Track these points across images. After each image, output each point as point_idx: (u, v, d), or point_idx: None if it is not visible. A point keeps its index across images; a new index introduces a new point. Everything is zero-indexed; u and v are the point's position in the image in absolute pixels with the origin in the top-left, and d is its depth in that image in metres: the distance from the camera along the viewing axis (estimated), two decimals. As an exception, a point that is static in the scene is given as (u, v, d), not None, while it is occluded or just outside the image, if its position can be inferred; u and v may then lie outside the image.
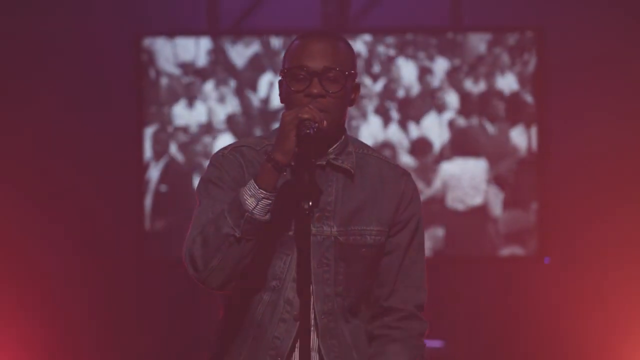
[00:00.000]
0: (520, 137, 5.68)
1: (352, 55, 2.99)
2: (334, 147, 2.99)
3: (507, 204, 5.67)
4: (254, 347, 2.97)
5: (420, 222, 3.09)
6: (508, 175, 5.68)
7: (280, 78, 2.97)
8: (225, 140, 5.77)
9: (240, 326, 3.00)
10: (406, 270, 3.07)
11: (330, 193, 2.97)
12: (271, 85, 5.81)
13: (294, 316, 2.93)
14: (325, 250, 2.95)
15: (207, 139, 5.78)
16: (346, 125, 3.12)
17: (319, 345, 2.97)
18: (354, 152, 3.03)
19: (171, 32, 5.74)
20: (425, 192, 5.61)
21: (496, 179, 5.69)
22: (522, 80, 5.64)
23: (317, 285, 2.95)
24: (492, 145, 5.65)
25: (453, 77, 5.67)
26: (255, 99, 5.76)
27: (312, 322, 2.95)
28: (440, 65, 5.68)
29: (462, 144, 5.68)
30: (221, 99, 5.80)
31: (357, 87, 2.98)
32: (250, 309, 2.98)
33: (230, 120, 5.81)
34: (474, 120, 5.69)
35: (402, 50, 5.68)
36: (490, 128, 5.70)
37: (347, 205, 2.97)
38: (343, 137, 3.02)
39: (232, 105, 5.78)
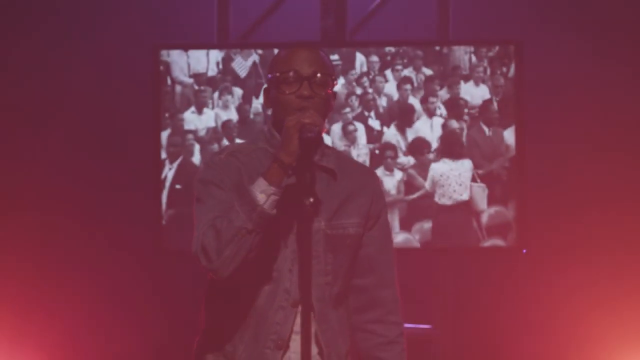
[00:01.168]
0: (501, 140, 5.67)
1: (332, 64, 3.14)
2: (318, 149, 3.10)
3: (489, 201, 5.66)
4: (256, 332, 3.06)
5: (387, 216, 3.24)
6: (491, 174, 5.68)
7: (265, 85, 3.11)
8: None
9: (243, 314, 3.08)
10: (386, 260, 3.20)
11: (318, 190, 3.07)
12: None
13: (291, 303, 3.02)
14: (315, 243, 3.04)
15: (216, 142, 5.77)
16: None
17: (315, 330, 3.06)
18: (332, 154, 3.16)
19: (185, 46, 5.75)
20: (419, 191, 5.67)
21: (480, 178, 5.65)
22: (501, 88, 5.63)
23: (312, 276, 3.00)
24: (476, 147, 5.66)
25: (440, 85, 5.68)
26: (258, 106, 5.75)
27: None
28: (428, 74, 5.69)
29: (449, 146, 5.66)
30: (225, 106, 5.78)
31: (335, 94, 3.12)
32: (252, 298, 3.06)
33: (225, 126, 5.74)
34: (461, 125, 5.68)
35: (393, 61, 5.68)
36: (474, 132, 5.67)
37: (332, 202, 3.09)
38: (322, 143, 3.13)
39: (235, 112, 5.77)
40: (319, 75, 3.02)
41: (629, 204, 5.75)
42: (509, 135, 5.65)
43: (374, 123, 5.71)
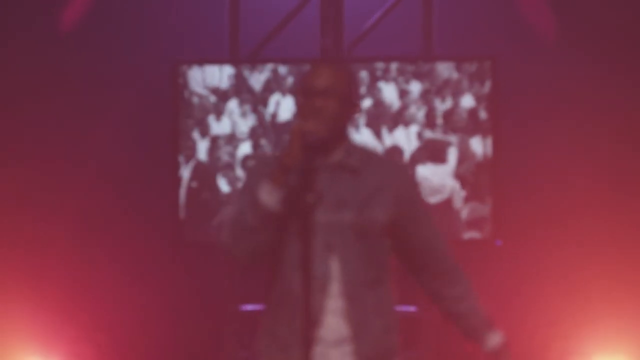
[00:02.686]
0: (478, 145, 5.76)
1: (348, 81, 3.22)
2: (339, 150, 3.21)
3: (467, 198, 5.76)
4: (292, 313, 3.17)
5: (421, 200, 3.33)
6: (469, 175, 5.77)
7: (296, 93, 3.22)
8: (242, 148, 5.83)
9: (280, 298, 3.23)
10: (435, 236, 3.32)
11: (343, 187, 3.18)
12: (277, 103, 5.79)
13: (319, 287, 3.13)
14: (344, 233, 3.16)
15: (227, 147, 5.79)
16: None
17: (347, 310, 3.18)
18: (358, 152, 3.25)
19: (201, 61, 5.83)
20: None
21: (460, 178, 5.74)
22: (478, 99, 5.72)
23: (343, 262, 3.16)
24: (456, 151, 5.73)
25: (424, 97, 5.76)
26: (267, 115, 5.83)
27: (339, 290, 3.17)
28: (415, 87, 5.77)
29: (432, 151, 5.74)
30: (237, 115, 5.81)
31: (354, 106, 3.24)
32: (287, 284, 3.19)
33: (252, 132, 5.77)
34: (441, 132, 5.75)
35: (384, 74, 5.78)
36: (454, 138, 5.77)
37: (358, 196, 3.18)
38: (346, 142, 3.23)
39: (250, 120, 5.81)
40: (329, 90, 3.14)
41: (600, 200, 5.80)
42: (482, 142, 5.69)
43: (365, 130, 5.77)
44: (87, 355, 5.96)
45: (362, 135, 5.75)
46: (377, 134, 5.81)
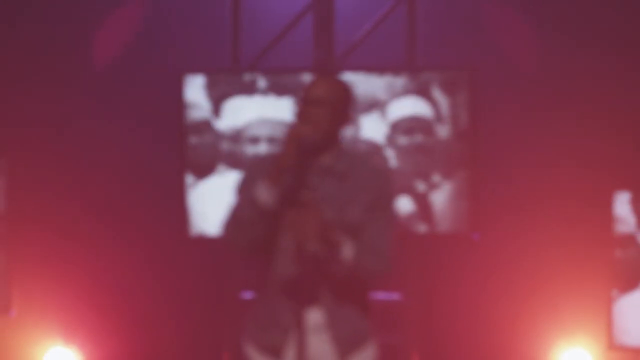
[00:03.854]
0: (457, 149, 5.81)
1: (344, 94, 3.37)
2: (330, 154, 3.36)
3: (449, 197, 5.78)
4: (278, 298, 3.36)
5: (389, 206, 3.40)
6: (449, 176, 5.77)
7: (297, 101, 3.39)
8: (243, 148, 5.85)
9: (271, 285, 3.40)
10: (378, 237, 3.36)
11: (328, 188, 3.32)
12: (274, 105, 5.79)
13: (304, 275, 3.29)
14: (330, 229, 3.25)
15: (229, 146, 5.82)
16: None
17: (323, 297, 3.35)
18: (348, 156, 3.39)
19: (204, 70, 5.89)
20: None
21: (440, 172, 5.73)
22: (458, 105, 5.75)
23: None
24: (437, 155, 5.78)
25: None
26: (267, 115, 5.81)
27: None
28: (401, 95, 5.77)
29: (413, 155, 5.74)
30: (238, 115, 5.84)
31: (347, 117, 3.38)
32: (277, 274, 3.37)
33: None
34: (420, 136, 5.78)
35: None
36: (431, 141, 5.79)
37: (341, 197, 3.32)
38: (337, 147, 3.37)
39: (251, 120, 5.82)
40: (323, 99, 3.30)
41: (572, 198, 5.85)
42: (460, 146, 5.71)
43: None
44: (104, 341, 6.00)
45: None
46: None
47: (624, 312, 5.47)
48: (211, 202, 5.81)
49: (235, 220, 3.28)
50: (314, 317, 3.30)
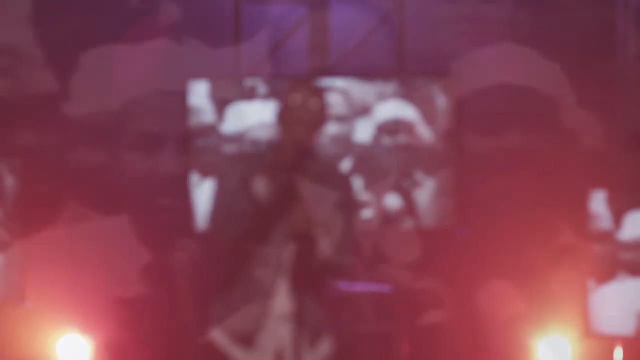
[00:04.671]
0: (440, 151, 5.99)
1: (321, 98, 3.44)
2: (311, 155, 3.45)
3: (435, 196, 5.96)
4: (251, 287, 3.42)
5: (351, 204, 3.52)
6: (436, 177, 5.94)
7: (279, 105, 3.47)
8: (242, 147, 5.96)
9: (254, 272, 3.44)
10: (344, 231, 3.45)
11: (304, 191, 3.37)
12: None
13: (276, 268, 3.38)
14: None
15: (231, 147, 5.97)
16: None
17: (290, 289, 3.42)
18: (319, 162, 3.49)
19: (208, 76, 6.03)
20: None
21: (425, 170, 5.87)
22: (443, 108, 5.91)
23: (294, 249, 3.36)
24: (423, 156, 5.93)
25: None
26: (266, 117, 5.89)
27: (288, 272, 3.41)
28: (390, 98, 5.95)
29: (397, 155, 5.88)
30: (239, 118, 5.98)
31: (325, 119, 3.47)
32: (254, 265, 3.44)
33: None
34: (409, 138, 5.92)
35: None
36: (416, 142, 5.95)
37: (314, 194, 3.37)
38: (315, 149, 3.48)
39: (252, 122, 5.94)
40: (309, 103, 3.40)
41: (551, 197, 6.03)
42: (443, 148, 5.86)
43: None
44: (117, 329, 6.02)
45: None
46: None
47: (601, 302, 5.49)
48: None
49: (227, 212, 3.37)
50: (282, 306, 3.40)
